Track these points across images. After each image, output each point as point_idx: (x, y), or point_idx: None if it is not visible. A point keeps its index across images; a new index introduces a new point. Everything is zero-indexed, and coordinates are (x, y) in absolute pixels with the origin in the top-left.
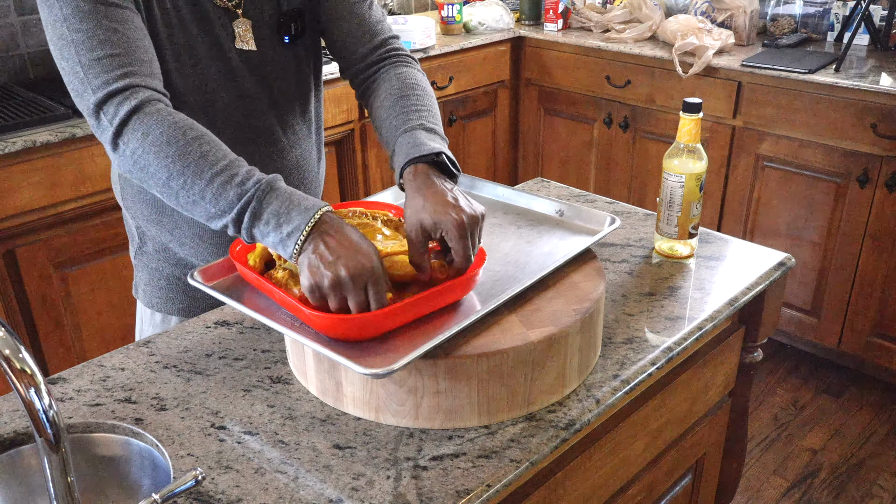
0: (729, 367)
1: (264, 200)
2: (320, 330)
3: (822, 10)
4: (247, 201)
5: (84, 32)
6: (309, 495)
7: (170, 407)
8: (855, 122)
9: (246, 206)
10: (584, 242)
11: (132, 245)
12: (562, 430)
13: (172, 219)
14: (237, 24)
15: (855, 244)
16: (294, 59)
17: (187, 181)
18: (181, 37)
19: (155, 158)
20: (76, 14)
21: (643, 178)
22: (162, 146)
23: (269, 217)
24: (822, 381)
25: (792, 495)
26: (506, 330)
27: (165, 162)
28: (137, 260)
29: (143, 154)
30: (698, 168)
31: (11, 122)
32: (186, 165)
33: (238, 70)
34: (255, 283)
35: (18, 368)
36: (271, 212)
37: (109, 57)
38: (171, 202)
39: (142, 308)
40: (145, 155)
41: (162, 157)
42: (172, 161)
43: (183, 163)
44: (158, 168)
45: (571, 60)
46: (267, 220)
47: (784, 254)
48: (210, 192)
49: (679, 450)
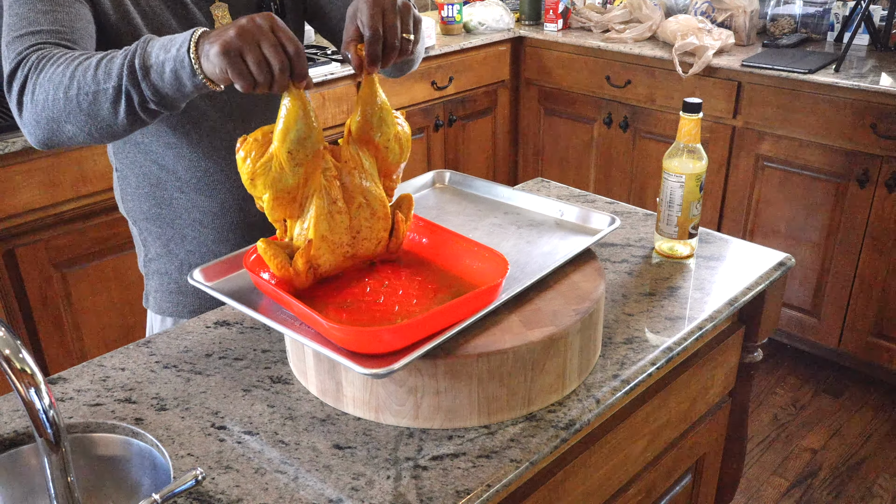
0: (729, 367)
1: (147, 46)
2: (341, 343)
3: (822, 10)
4: (132, 53)
5: (17, 16)
6: (309, 495)
7: (170, 407)
8: (855, 122)
9: (133, 58)
10: (584, 242)
11: (140, 256)
12: (562, 430)
13: (172, 209)
14: (214, 7)
15: (855, 244)
16: None
17: (80, 80)
18: (156, 23)
19: (49, 83)
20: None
21: (643, 178)
22: (53, 72)
23: (158, 52)
24: (822, 381)
25: (792, 495)
26: (506, 330)
27: (58, 79)
28: (146, 269)
29: (40, 90)
30: (698, 168)
31: (11, 122)
32: (75, 70)
33: None
34: (273, 294)
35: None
36: (158, 48)
37: (30, 34)
38: (80, 117)
39: (152, 317)
40: (42, 89)
41: (55, 77)
42: (62, 75)
43: (72, 70)
44: (55, 88)
45: (571, 60)
46: (156, 57)
47: (784, 254)
48: (101, 73)
49: (679, 450)
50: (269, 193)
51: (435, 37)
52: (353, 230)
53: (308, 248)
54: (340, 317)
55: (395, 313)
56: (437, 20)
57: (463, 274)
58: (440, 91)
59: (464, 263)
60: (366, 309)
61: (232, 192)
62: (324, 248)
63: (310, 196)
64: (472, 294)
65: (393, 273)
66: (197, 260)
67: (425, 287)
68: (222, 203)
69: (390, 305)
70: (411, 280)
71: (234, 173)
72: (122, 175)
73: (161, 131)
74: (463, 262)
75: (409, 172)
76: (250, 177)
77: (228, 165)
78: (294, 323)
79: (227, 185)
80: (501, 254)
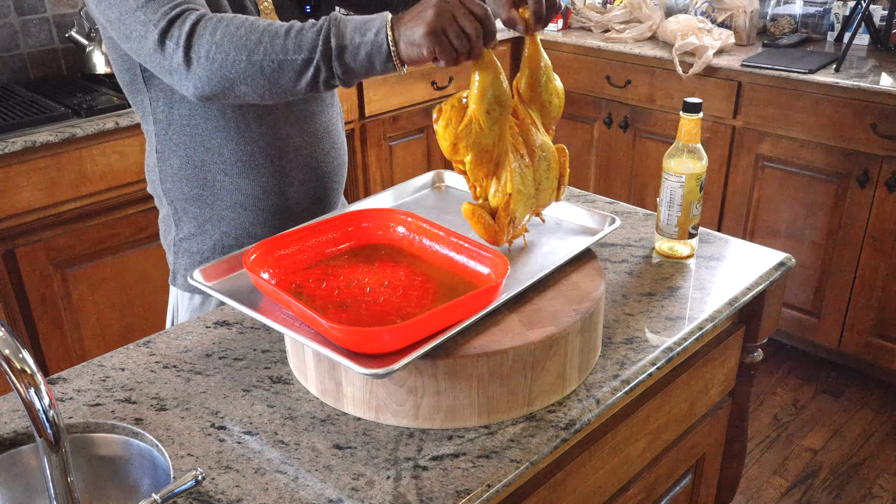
0: (729, 367)
1: (340, 24)
2: (341, 343)
3: (822, 10)
4: (326, 31)
5: None
6: (309, 495)
7: (170, 407)
8: (855, 122)
9: (328, 36)
10: (584, 242)
11: (167, 235)
12: (562, 430)
13: (213, 191)
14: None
15: (855, 244)
16: None
17: (267, 47)
18: (214, 7)
19: (230, 45)
20: None
21: (643, 178)
22: (233, 34)
23: (353, 35)
24: (822, 381)
25: (792, 495)
26: (506, 330)
27: (241, 42)
28: (176, 248)
29: (217, 50)
30: (698, 168)
31: (11, 122)
32: (261, 36)
33: None
34: (272, 294)
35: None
36: (352, 30)
37: None
38: (259, 81)
39: (178, 294)
40: (220, 49)
41: (237, 41)
42: (246, 39)
43: (257, 36)
44: (237, 51)
45: (571, 60)
46: (351, 39)
47: (784, 254)
48: (291, 44)
49: (679, 450)
50: (472, 154)
51: None
52: (537, 182)
53: (508, 202)
54: (340, 317)
55: (395, 313)
56: None
57: (463, 274)
58: (440, 91)
59: (463, 263)
60: (365, 309)
61: (274, 176)
62: (519, 202)
63: (503, 154)
64: (473, 294)
65: (392, 273)
66: (231, 241)
67: (425, 287)
68: (264, 186)
69: (390, 305)
70: (411, 280)
71: (277, 157)
72: (164, 157)
73: (211, 115)
74: (462, 262)
75: (409, 172)
76: (453, 141)
77: (273, 149)
78: (294, 323)
79: (271, 168)
80: (502, 253)
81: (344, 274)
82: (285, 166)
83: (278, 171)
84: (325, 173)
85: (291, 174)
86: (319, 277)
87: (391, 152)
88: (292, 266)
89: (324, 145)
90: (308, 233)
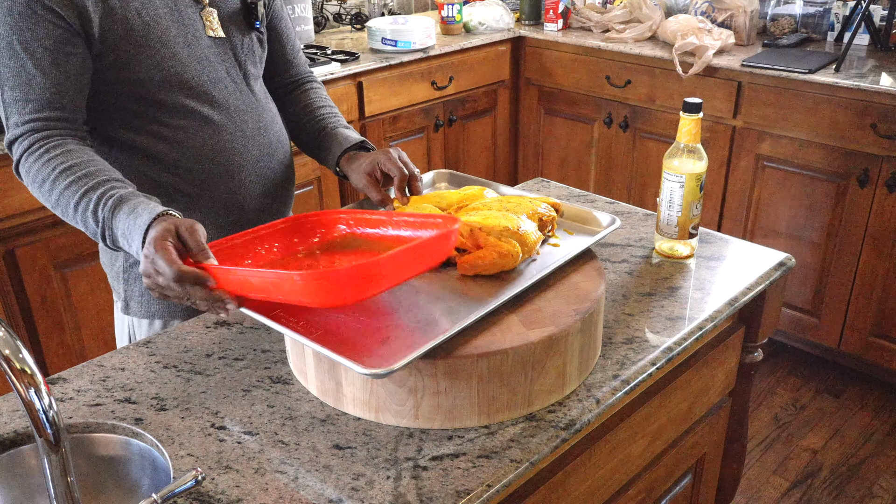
0: (729, 367)
1: (114, 227)
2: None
3: (822, 10)
4: (101, 228)
5: (10, 69)
6: (309, 495)
7: (170, 407)
8: (855, 122)
9: (104, 233)
10: (584, 242)
11: (113, 264)
12: (562, 430)
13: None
14: (204, 13)
15: (855, 244)
16: (258, 43)
17: (63, 211)
18: (157, 30)
19: (38, 192)
20: (6, 50)
21: (643, 178)
22: (40, 184)
23: (121, 239)
24: (822, 381)
25: (792, 495)
26: (506, 330)
27: (45, 196)
28: (127, 274)
29: (31, 179)
30: (698, 168)
31: None
32: (57, 200)
33: (212, 55)
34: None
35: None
36: (121, 235)
37: (24, 101)
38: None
39: (135, 323)
40: (33, 180)
41: (42, 194)
42: (48, 195)
43: (55, 199)
44: (44, 199)
45: (571, 60)
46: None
47: (784, 254)
48: (80, 221)
49: (679, 450)
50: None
51: (435, 37)
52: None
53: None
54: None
55: None
56: (437, 20)
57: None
58: (440, 91)
59: (416, 236)
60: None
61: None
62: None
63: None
64: (433, 238)
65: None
66: None
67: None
68: (224, 202)
69: None
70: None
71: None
72: None
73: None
74: (413, 235)
75: None
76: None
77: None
78: (294, 322)
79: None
80: (452, 216)
81: (293, 268)
82: (243, 181)
83: (236, 185)
84: (279, 184)
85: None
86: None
87: None
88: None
89: (277, 156)
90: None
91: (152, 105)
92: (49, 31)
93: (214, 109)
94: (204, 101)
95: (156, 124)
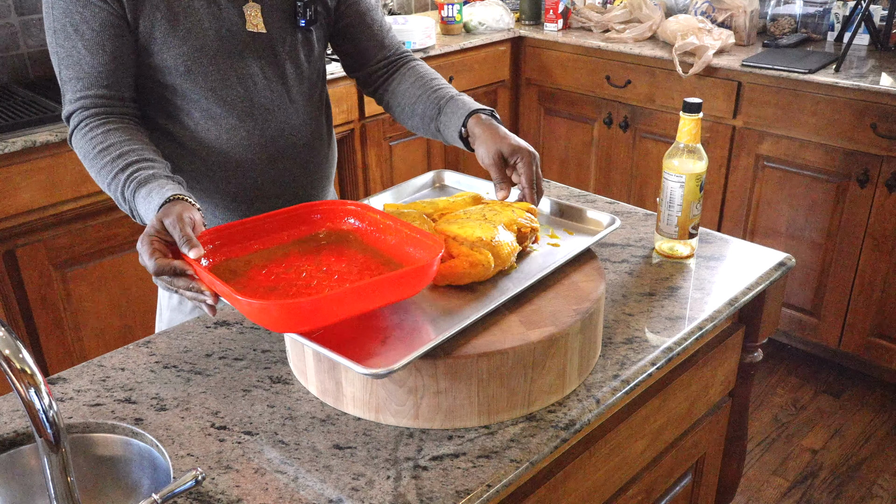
0: (729, 367)
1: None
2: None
3: (822, 10)
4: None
5: (65, 49)
6: (309, 495)
7: (170, 407)
8: (855, 122)
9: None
10: (584, 242)
11: None
12: (562, 430)
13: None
14: (247, 7)
15: (855, 244)
16: (305, 43)
17: (98, 179)
18: (187, 21)
19: (85, 160)
20: (62, 32)
21: (643, 178)
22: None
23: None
24: (822, 381)
25: (792, 495)
26: (506, 330)
27: (89, 164)
28: None
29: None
30: (698, 168)
31: (11, 122)
32: (99, 172)
33: (247, 51)
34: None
35: (18, 368)
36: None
37: (76, 79)
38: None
39: (162, 294)
40: (80, 151)
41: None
42: (91, 164)
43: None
44: (89, 167)
45: (571, 60)
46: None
47: (784, 254)
48: (111, 191)
49: (679, 450)
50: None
51: (435, 37)
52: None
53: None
54: (267, 298)
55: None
56: (437, 20)
57: (403, 261)
58: None
59: (404, 250)
60: (295, 293)
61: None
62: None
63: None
64: (399, 273)
65: (336, 261)
66: None
67: (362, 275)
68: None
69: (320, 290)
70: (350, 267)
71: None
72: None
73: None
74: (403, 249)
75: (409, 172)
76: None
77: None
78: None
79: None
80: (438, 238)
81: (288, 262)
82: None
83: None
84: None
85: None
86: (262, 264)
87: (391, 152)
88: (238, 252)
89: (301, 159)
90: (259, 223)
91: (175, 94)
92: (95, 14)
93: (234, 106)
94: (224, 96)
95: (177, 111)
